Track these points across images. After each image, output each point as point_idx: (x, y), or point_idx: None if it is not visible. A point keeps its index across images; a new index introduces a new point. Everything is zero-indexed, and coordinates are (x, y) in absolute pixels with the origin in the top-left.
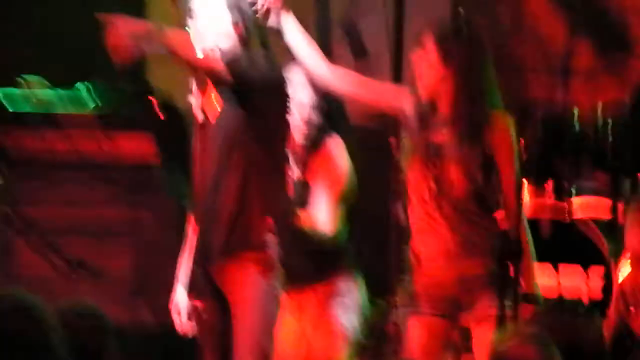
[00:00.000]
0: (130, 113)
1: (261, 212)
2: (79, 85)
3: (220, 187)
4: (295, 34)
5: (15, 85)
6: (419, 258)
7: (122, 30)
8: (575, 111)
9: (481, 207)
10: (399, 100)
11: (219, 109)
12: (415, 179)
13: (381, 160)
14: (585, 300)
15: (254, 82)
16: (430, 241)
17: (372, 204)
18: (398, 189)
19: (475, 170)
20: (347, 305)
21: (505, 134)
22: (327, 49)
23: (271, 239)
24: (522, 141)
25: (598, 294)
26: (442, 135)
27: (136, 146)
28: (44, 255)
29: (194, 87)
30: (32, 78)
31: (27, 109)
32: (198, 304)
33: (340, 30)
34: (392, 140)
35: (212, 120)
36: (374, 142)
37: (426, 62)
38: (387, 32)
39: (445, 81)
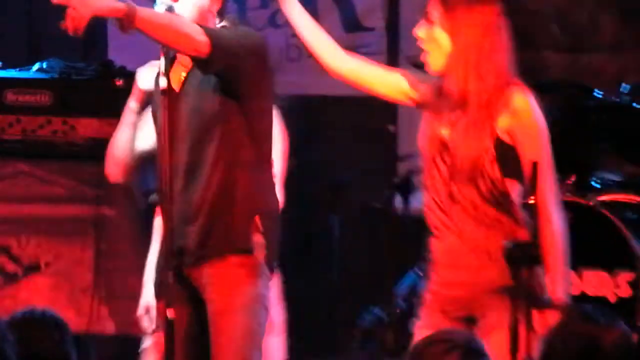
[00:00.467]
0: (90, 96)
1: (248, 209)
2: (34, 66)
3: (197, 178)
4: None
5: None
6: (433, 258)
7: (84, 12)
8: (599, 93)
9: (498, 208)
10: None
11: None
12: (427, 177)
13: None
14: (612, 308)
15: (239, 54)
16: (443, 242)
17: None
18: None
19: (490, 164)
20: None
21: (526, 115)
22: (313, 19)
23: (259, 241)
24: None
25: (626, 302)
26: (451, 124)
27: (98, 134)
28: None
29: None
30: None
31: None
32: (168, 311)
33: (327, 0)
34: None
35: (177, 88)
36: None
37: (431, 34)
38: (383, 4)
39: (452, 55)
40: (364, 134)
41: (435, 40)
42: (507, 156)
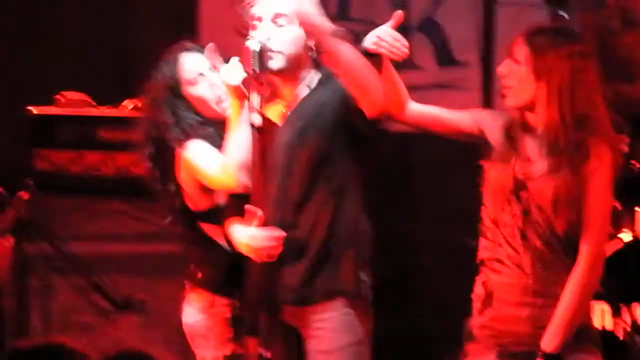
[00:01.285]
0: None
1: (355, 250)
2: (126, 102)
3: (301, 213)
4: None
5: (54, 103)
6: (490, 292)
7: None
8: None
9: (569, 249)
10: None
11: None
12: (496, 213)
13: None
14: None
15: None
16: (507, 277)
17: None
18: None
19: (569, 204)
20: None
21: (603, 165)
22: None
23: (365, 281)
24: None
25: None
26: (531, 163)
27: None
28: (88, 296)
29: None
30: (73, 95)
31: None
32: (265, 353)
33: (421, 35)
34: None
35: (279, 122)
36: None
37: (515, 74)
38: (477, 38)
39: (541, 95)
40: (456, 170)
41: (519, 78)
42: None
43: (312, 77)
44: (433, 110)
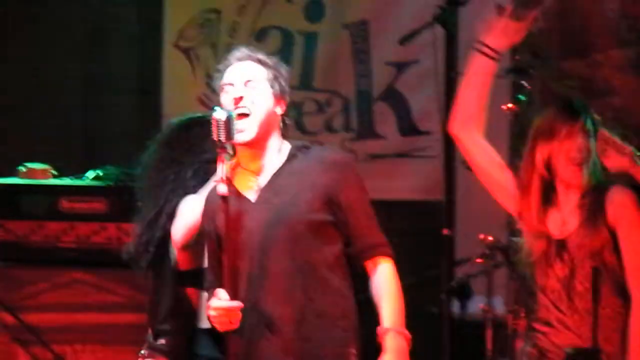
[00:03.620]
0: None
1: (342, 329)
2: (89, 173)
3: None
4: None
5: (17, 174)
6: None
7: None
8: None
9: (615, 303)
10: None
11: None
12: (541, 279)
13: None
14: None
15: None
16: (558, 338)
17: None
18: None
19: (610, 256)
20: None
21: (626, 210)
22: (368, 123)
23: (354, 352)
24: None
25: None
26: (565, 224)
27: None
28: None
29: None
30: (35, 166)
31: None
32: None
33: (384, 104)
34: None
35: (251, 197)
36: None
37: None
38: (439, 107)
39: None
40: (421, 238)
41: None
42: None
43: (281, 147)
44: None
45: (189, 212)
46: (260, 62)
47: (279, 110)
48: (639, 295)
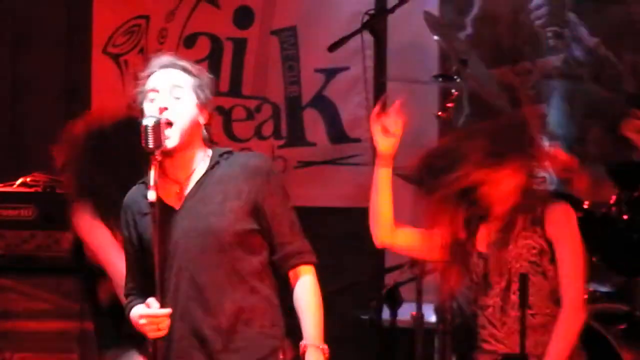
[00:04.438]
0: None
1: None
2: (18, 180)
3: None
4: None
5: None
6: None
7: None
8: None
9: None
10: None
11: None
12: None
13: None
14: None
15: None
16: (491, 356)
17: None
18: None
19: (548, 266)
20: None
21: (562, 226)
22: (298, 130)
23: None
24: None
25: None
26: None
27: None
28: None
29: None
30: None
31: None
32: None
33: (313, 111)
34: None
35: (175, 204)
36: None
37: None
38: (368, 114)
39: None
40: (351, 245)
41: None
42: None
43: (204, 156)
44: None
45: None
46: (184, 70)
47: (202, 120)
48: (568, 302)
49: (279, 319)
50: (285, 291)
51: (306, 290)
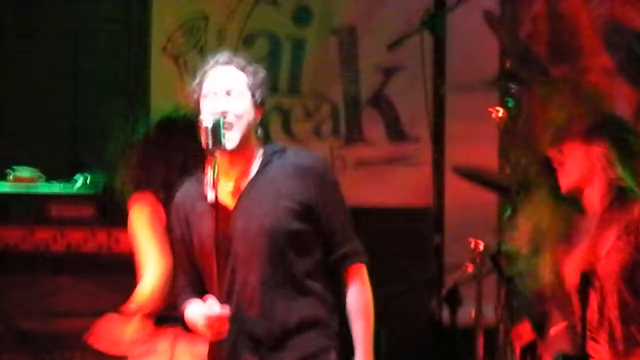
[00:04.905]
0: None
1: (325, 334)
2: (77, 177)
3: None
4: None
5: (4, 179)
6: None
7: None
8: None
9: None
10: None
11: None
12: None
13: None
14: None
15: None
16: None
17: None
18: None
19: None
20: None
21: None
22: (357, 129)
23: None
24: None
25: None
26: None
27: None
28: None
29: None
30: (22, 170)
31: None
32: None
33: (372, 110)
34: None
35: (228, 202)
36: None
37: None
38: (427, 113)
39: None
40: (410, 244)
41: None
42: None
43: (257, 154)
44: None
45: None
46: (241, 68)
47: (257, 118)
48: None
49: (332, 318)
50: (338, 290)
51: (357, 294)
